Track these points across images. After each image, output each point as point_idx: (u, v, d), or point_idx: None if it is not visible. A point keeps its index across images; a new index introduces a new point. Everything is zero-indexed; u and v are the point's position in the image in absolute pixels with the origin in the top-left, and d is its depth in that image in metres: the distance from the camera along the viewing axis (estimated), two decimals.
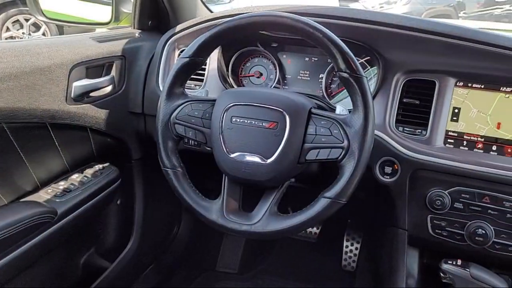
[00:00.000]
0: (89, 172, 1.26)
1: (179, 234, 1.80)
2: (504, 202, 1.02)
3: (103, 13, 1.50)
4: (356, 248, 1.80)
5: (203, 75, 1.31)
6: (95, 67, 1.22)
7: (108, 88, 1.27)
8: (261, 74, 1.33)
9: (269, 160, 0.91)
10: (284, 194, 0.98)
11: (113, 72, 1.29)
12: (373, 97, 1.13)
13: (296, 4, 1.24)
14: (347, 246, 1.81)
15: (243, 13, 0.93)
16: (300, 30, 0.89)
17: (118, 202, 1.44)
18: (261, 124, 0.92)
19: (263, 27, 0.97)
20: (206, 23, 1.27)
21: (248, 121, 0.93)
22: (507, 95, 1.05)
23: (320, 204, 0.89)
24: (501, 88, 1.06)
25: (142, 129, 1.37)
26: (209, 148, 0.99)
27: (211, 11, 1.56)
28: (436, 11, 6.94)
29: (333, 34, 0.88)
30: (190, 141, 1.25)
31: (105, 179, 1.28)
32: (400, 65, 1.12)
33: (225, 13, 1.27)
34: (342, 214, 1.72)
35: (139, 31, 1.44)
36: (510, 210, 1.02)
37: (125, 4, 1.56)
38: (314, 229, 1.90)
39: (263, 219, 0.93)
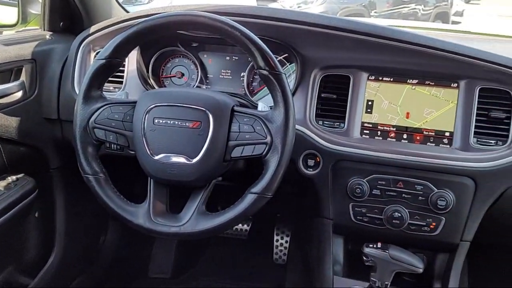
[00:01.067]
0: (1, 184, 1.17)
1: (107, 243, 1.74)
2: (415, 186, 1.10)
3: (9, 14, 1.40)
4: (286, 242, 1.85)
5: (122, 77, 1.27)
6: (2, 72, 1.14)
7: (18, 94, 1.19)
8: (183, 75, 1.32)
9: (194, 160, 0.91)
10: (213, 194, 0.98)
11: (23, 77, 1.21)
12: (293, 93, 1.17)
13: (214, 4, 1.25)
14: (277, 240, 1.86)
15: (160, 13, 0.92)
16: (218, 29, 0.90)
17: (36, 214, 1.35)
18: (184, 124, 0.92)
19: (181, 26, 0.97)
20: (122, 24, 1.23)
21: (171, 122, 0.92)
22: (413, 87, 1.14)
23: (248, 200, 0.90)
24: (408, 80, 1.14)
25: (59, 135, 1.30)
26: (132, 152, 0.97)
27: (127, 11, 1.52)
28: (350, 10, 7.30)
29: (251, 33, 0.90)
30: (112, 145, 1.21)
31: (19, 191, 1.20)
32: (316, 61, 1.17)
33: (142, 13, 1.24)
34: (271, 209, 1.76)
35: (50, 33, 1.37)
36: (421, 193, 1.10)
37: (32, 5, 1.47)
38: (245, 226, 1.92)
39: (192, 219, 0.93)
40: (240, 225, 1.90)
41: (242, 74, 1.27)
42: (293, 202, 1.52)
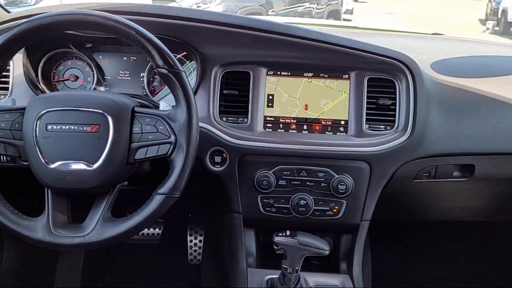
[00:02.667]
0: None
1: (4, 264, 1.59)
2: (318, 174, 1.16)
3: None
4: (200, 241, 1.84)
5: (7, 82, 1.17)
6: None
7: None
8: (77, 77, 1.25)
9: (95, 165, 0.88)
10: (120, 199, 0.95)
11: None
12: (196, 91, 1.17)
13: (107, 2, 1.20)
14: (191, 241, 1.84)
15: (46, 12, 0.86)
16: (112, 28, 0.87)
17: None
18: (81, 128, 0.88)
19: (70, 26, 0.92)
20: (3, 25, 1.14)
21: (67, 127, 0.88)
22: (309, 80, 1.20)
23: (155, 201, 0.89)
24: (304, 73, 1.20)
25: None
26: (25, 162, 0.90)
27: (8, 12, 1.40)
28: (249, 9, 7.46)
29: (146, 31, 0.88)
30: (1, 157, 1.11)
31: None
32: (216, 59, 1.18)
33: (25, 13, 1.15)
34: (182, 209, 1.74)
35: None
36: (323, 179, 1.16)
37: None
38: (156, 230, 1.88)
39: (97, 227, 0.89)
40: (151, 229, 1.85)
41: (141, 75, 1.24)
42: (203, 201, 1.52)
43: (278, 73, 1.20)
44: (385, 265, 1.96)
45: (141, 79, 1.24)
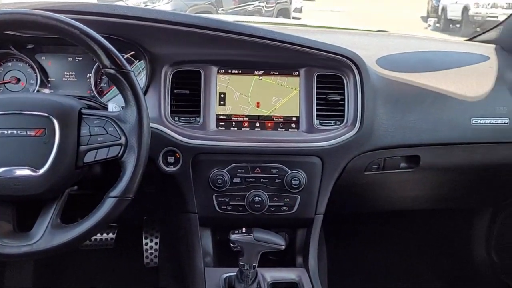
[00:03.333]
0: None
1: None
2: (271, 170, 1.17)
3: None
4: (156, 243, 1.81)
5: None
6: None
7: None
8: (19, 80, 1.19)
9: (41, 171, 0.84)
10: (71, 204, 0.92)
11: None
12: (146, 91, 1.15)
13: (49, 1, 1.16)
14: (146, 244, 1.81)
15: None
16: (54, 28, 0.84)
17: None
18: (25, 133, 0.84)
19: (9, 26, 0.88)
20: None
21: (9, 132, 0.84)
22: (260, 77, 1.21)
23: (107, 205, 0.87)
24: (255, 71, 1.20)
25: None
26: None
27: None
28: (198, 8, 7.39)
29: (91, 31, 0.86)
30: None
31: None
32: (166, 58, 1.16)
33: None
34: (137, 212, 1.71)
35: None
36: (277, 175, 1.18)
37: None
38: (110, 235, 1.83)
39: (46, 234, 0.86)
40: (104, 234, 1.80)
41: (88, 75, 1.20)
42: (157, 202, 1.50)
43: (229, 71, 1.20)
44: (340, 257, 2.01)
45: (88, 80, 1.20)
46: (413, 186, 1.53)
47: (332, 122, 1.21)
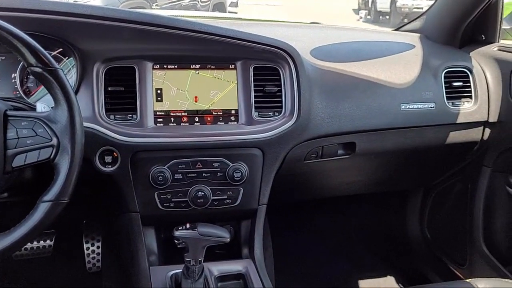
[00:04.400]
0: None
1: None
2: (213, 164, 1.17)
3: None
4: (98, 247, 1.75)
5: None
6: None
7: None
8: None
9: None
10: (4, 212, 0.87)
11: None
12: (77, 89, 1.10)
13: None
14: (88, 248, 1.75)
15: None
16: None
17: None
18: None
19: None
20: None
21: None
22: (197, 72, 1.20)
23: (41, 210, 0.83)
24: (191, 66, 1.19)
25: None
26: None
27: None
28: (131, 3, 7.16)
29: (13, 28, 0.81)
30: None
31: None
32: (97, 54, 1.12)
33: None
34: (75, 215, 1.64)
35: None
36: (219, 169, 1.18)
37: None
38: (48, 242, 1.75)
39: None
40: (41, 241, 1.72)
41: (13, 75, 1.13)
42: (97, 204, 1.45)
43: (165, 66, 1.18)
44: (286, 245, 2.06)
45: (13, 80, 1.13)
46: (350, 172, 1.59)
47: (271, 113, 1.23)
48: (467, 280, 1.12)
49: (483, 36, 1.61)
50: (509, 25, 1.63)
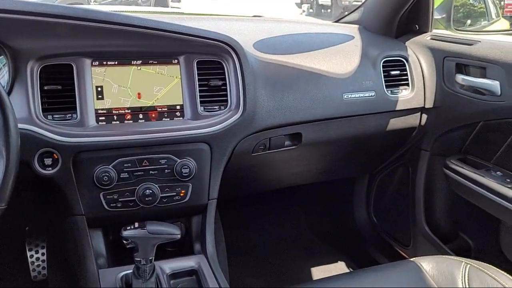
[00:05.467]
0: None
1: None
2: (160, 161, 1.15)
3: None
4: (43, 254, 1.68)
5: None
6: None
7: None
8: None
9: None
10: None
11: None
12: (10, 89, 1.05)
13: None
14: (31, 256, 1.67)
15: None
16: None
17: None
18: None
19: None
20: None
21: None
22: (139, 67, 1.17)
23: None
24: (133, 61, 1.16)
25: None
26: None
27: None
28: (68, 0, 6.91)
29: None
30: None
31: None
32: (30, 52, 1.06)
33: None
34: (16, 222, 1.56)
35: None
36: (166, 166, 1.16)
37: None
38: None
39: None
40: None
41: None
42: (40, 208, 1.39)
43: (104, 63, 1.14)
44: (239, 238, 2.07)
45: None
46: (298, 162, 1.62)
47: (217, 107, 1.22)
48: (412, 260, 1.17)
49: (417, 26, 1.68)
50: (440, 15, 1.72)
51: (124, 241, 1.00)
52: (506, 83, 1.31)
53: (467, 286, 1.06)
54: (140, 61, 1.17)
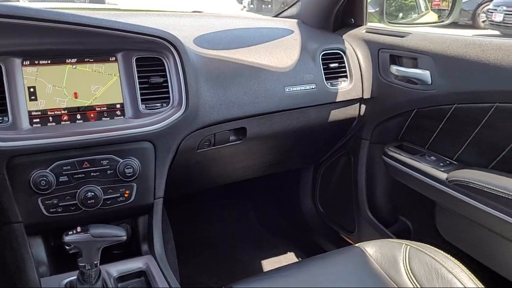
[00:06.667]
0: None
1: None
2: (101, 162, 1.12)
3: None
4: None
5: None
6: None
7: None
8: None
9: None
10: None
11: None
12: None
13: None
14: None
15: None
16: None
17: None
18: None
19: None
20: None
21: None
22: (74, 66, 1.12)
23: None
24: (67, 60, 1.11)
25: None
26: None
27: None
28: None
29: None
30: None
31: None
32: None
33: None
34: None
35: None
36: (108, 167, 1.13)
37: None
38: None
39: None
40: None
41: None
42: None
43: (36, 62, 1.08)
44: (188, 237, 2.06)
45: None
46: (244, 157, 1.63)
47: (158, 104, 1.20)
48: (356, 245, 1.22)
49: (352, 19, 1.74)
50: (374, 8, 1.79)
51: (67, 247, 0.97)
52: (436, 73, 1.39)
53: (408, 266, 1.11)
54: (75, 60, 1.12)
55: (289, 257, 2.04)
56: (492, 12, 8.88)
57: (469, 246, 1.40)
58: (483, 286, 1.03)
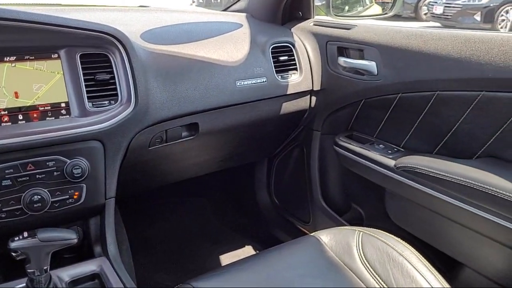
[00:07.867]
0: None
1: None
2: (47, 163, 1.07)
3: None
4: None
5: None
6: None
7: None
8: None
9: None
10: None
11: None
12: None
13: None
14: None
15: None
16: None
17: None
18: None
19: None
20: None
21: None
22: (13, 64, 1.07)
23: None
24: (5, 58, 1.06)
25: None
26: None
27: None
28: None
29: None
30: None
31: None
32: None
33: None
34: None
35: None
36: (54, 168, 1.08)
37: None
38: None
39: None
40: None
41: None
42: None
43: None
44: (144, 236, 2.02)
45: None
46: (197, 153, 1.62)
47: (106, 102, 1.17)
48: (312, 234, 1.24)
49: (300, 13, 1.77)
50: (321, 1, 1.82)
51: (13, 253, 0.92)
52: (381, 64, 1.43)
53: (361, 252, 1.15)
54: (14, 57, 1.07)
55: (247, 251, 2.05)
56: (433, 5, 9.31)
57: (417, 229, 1.47)
58: (430, 266, 1.08)
